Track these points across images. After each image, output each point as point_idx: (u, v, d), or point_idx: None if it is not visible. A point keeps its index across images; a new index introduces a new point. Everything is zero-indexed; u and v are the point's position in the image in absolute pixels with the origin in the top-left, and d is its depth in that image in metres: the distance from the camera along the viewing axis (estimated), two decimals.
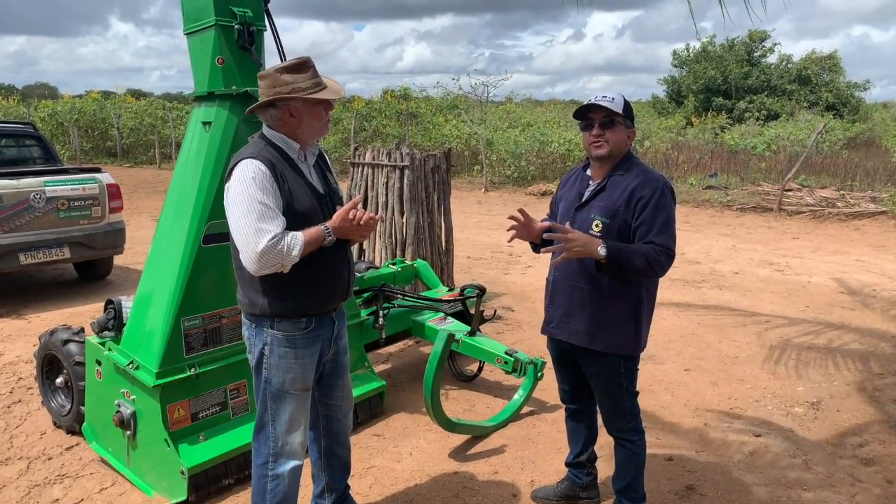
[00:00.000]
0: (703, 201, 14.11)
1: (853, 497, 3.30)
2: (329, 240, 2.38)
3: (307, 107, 2.41)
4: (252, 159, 2.33)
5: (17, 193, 6.09)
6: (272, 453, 2.56)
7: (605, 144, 2.63)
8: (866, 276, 8.15)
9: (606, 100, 2.62)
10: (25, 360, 4.96)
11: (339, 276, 2.54)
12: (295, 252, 2.28)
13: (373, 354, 4.60)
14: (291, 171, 2.42)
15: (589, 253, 2.49)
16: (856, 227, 11.66)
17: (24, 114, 24.95)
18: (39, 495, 3.26)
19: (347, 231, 2.42)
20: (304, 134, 2.47)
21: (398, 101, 25.16)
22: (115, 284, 7.32)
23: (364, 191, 6.18)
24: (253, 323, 2.51)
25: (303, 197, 2.42)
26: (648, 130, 22.37)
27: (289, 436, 2.56)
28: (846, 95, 30.29)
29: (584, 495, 3.18)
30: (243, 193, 2.28)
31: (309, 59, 2.43)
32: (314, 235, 2.35)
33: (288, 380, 2.50)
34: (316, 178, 2.54)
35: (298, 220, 2.37)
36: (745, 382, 4.75)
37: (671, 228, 2.57)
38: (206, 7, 3.11)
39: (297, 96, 2.36)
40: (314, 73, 2.41)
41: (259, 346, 2.49)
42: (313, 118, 2.44)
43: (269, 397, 2.52)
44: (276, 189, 2.32)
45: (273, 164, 2.35)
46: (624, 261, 2.48)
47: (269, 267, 2.27)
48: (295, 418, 2.56)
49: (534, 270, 8.08)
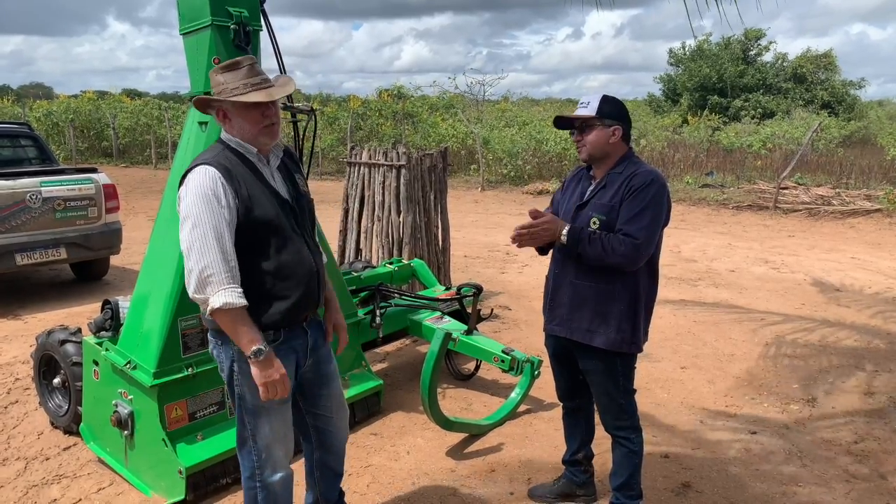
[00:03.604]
0: (700, 200, 14.15)
1: (848, 493, 3.32)
2: (254, 351, 2.20)
3: (237, 109, 2.29)
4: (206, 166, 2.22)
5: (14, 194, 6.08)
6: (257, 466, 2.47)
7: (584, 147, 2.74)
8: (861, 273, 8.19)
9: (583, 105, 2.73)
10: (22, 360, 4.95)
11: (307, 286, 2.40)
12: (217, 306, 2.14)
13: (370, 353, 4.62)
14: (251, 175, 2.30)
15: (554, 236, 2.66)
16: (851, 224, 11.70)
17: (20, 114, 24.86)
18: (37, 495, 3.26)
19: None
20: (241, 137, 2.32)
21: (394, 100, 25.16)
22: (111, 285, 7.32)
23: (361, 190, 6.18)
24: (218, 340, 2.37)
25: (265, 203, 2.29)
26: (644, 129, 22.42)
27: (271, 449, 2.45)
28: (842, 94, 30.38)
29: (581, 493, 3.19)
30: (201, 215, 2.17)
31: (245, 59, 2.31)
32: (244, 334, 2.20)
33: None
34: (280, 181, 2.41)
35: (260, 227, 2.28)
36: (741, 380, 4.77)
37: (646, 219, 2.58)
38: (201, 7, 3.11)
39: (224, 98, 2.26)
40: (249, 73, 2.27)
41: (227, 363, 2.37)
42: (245, 121, 2.29)
43: (246, 413, 2.41)
44: (230, 200, 2.20)
45: (228, 170, 2.23)
46: (581, 247, 2.61)
47: (200, 301, 2.20)
48: (275, 430, 2.44)
49: (530, 269, 8.10)
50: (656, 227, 2.63)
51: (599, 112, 2.67)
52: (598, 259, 2.60)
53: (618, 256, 2.56)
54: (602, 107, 2.68)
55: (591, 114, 2.68)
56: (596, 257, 2.59)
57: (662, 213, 2.65)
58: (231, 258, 2.19)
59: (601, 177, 2.75)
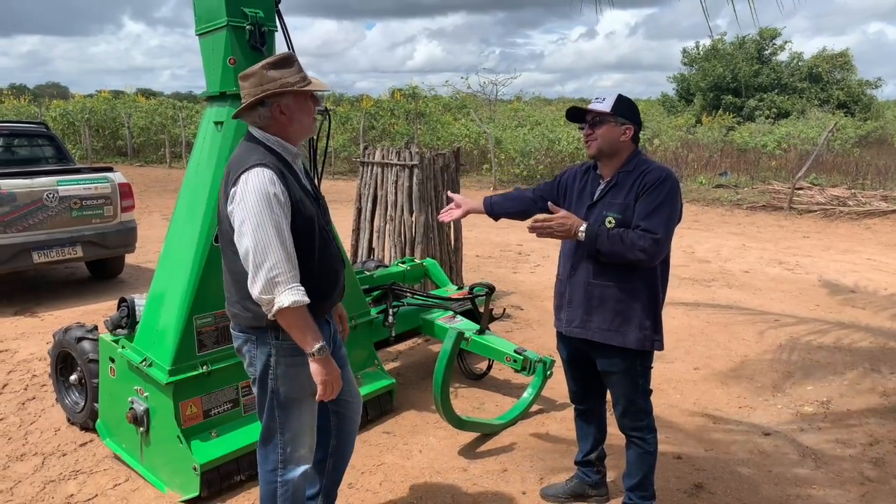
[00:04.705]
0: (713, 200, 14.06)
1: (863, 496, 3.30)
2: (318, 348, 2.26)
3: (298, 102, 2.33)
4: (263, 167, 2.22)
5: (31, 193, 6.15)
6: (281, 461, 2.49)
7: (595, 142, 2.72)
8: (877, 274, 8.11)
9: (598, 100, 2.72)
10: (40, 357, 5.01)
11: (338, 280, 2.53)
12: (286, 305, 2.17)
13: (382, 352, 4.63)
14: (291, 176, 2.34)
15: (569, 234, 2.63)
16: (867, 225, 11.60)
17: (36, 113, 25.09)
18: (54, 491, 3.30)
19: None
20: (296, 132, 2.38)
21: (407, 100, 25.19)
22: (126, 283, 7.38)
23: (373, 189, 6.21)
24: (253, 335, 2.39)
25: (307, 202, 2.35)
26: (658, 129, 22.30)
27: (297, 442, 2.49)
28: (858, 93, 30.08)
29: (594, 493, 3.19)
30: (262, 215, 2.17)
31: (293, 54, 2.36)
32: (309, 331, 2.24)
33: (296, 387, 2.42)
34: (306, 181, 2.47)
35: (308, 226, 2.33)
36: (755, 381, 4.74)
37: (663, 214, 2.58)
38: (217, 8, 3.14)
39: (288, 90, 2.28)
40: (300, 68, 2.34)
41: (263, 359, 2.39)
42: (304, 114, 2.36)
43: (278, 407, 2.43)
44: (286, 201, 2.24)
45: (281, 171, 2.27)
46: (601, 243, 2.58)
47: (265, 302, 2.21)
48: (304, 424, 2.50)
49: (543, 269, 8.09)
50: (673, 223, 2.63)
51: (614, 109, 2.68)
52: (618, 255, 2.58)
53: (638, 252, 2.55)
54: (617, 105, 2.68)
55: (606, 109, 2.68)
56: (617, 253, 2.58)
57: (677, 209, 2.66)
58: (293, 257, 2.22)
59: (611, 175, 2.74)
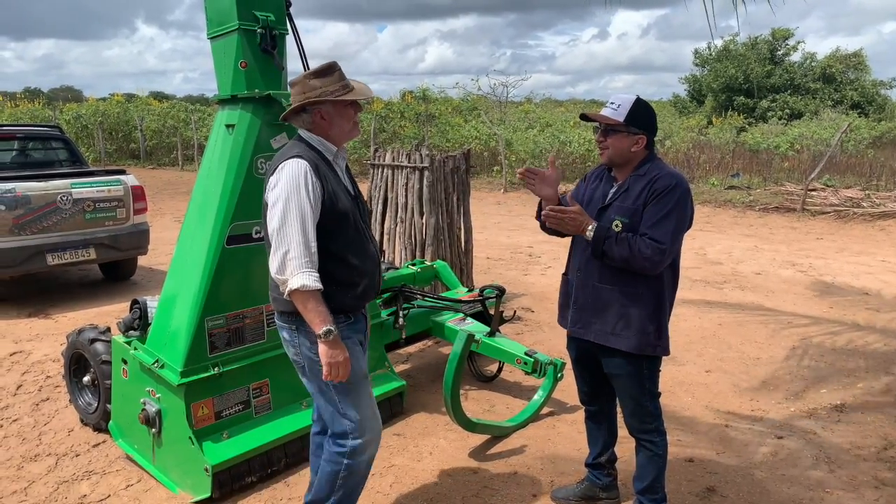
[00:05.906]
0: (726, 202, 13.98)
1: (877, 500, 3.27)
2: (324, 331, 2.37)
3: (336, 109, 2.52)
4: (300, 159, 2.42)
5: (45, 195, 6.21)
6: (350, 448, 2.56)
7: (606, 151, 2.72)
8: (892, 276, 8.04)
9: (612, 107, 2.67)
10: (53, 358, 5.06)
11: (373, 276, 2.63)
12: (294, 287, 2.32)
13: (393, 354, 4.64)
14: (330, 172, 2.52)
15: (578, 230, 2.65)
16: (881, 227, 11.49)
17: (50, 116, 25.35)
18: (67, 491, 3.33)
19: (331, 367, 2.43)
20: (336, 136, 2.57)
21: (417, 102, 25.21)
22: (139, 285, 7.43)
23: (384, 192, 6.22)
24: (293, 324, 2.52)
25: (342, 197, 2.51)
26: (670, 130, 22.20)
27: (366, 425, 2.57)
28: (872, 94, 29.81)
29: (604, 496, 3.18)
30: (289, 201, 2.35)
31: (335, 63, 2.54)
32: (316, 314, 2.36)
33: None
34: (347, 180, 2.65)
35: (339, 219, 2.48)
36: (767, 384, 4.71)
37: (671, 224, 2.56)
38: (229, 12, 3.17)
39: (327, 99, 2.47)
40: (341, 76, 2.53)
41: (308, 345, 2.51)
42: (343, 119, 2.55)
43: (338, 393, 2.54)
44: (316, 192, 2.40)
45: (317, 165, 2.45)
46: (608, 245, 2.59)
47: (280, 282, 2.37)
48: (367, 405, 2.60)
49: (553, 271, 8.07)
50: (680, 232, 2.61)
51: (627, 119, 2.64)
52: (623, 260, 2.58)
53: (643, 259, 2.55)
54: (631, 114, 2.63)
55: (618, 119, 2.64)
56: (622, 258, 2.58)
57: (686, 217, 2.64)
58: (312, 244, 2.38)
59: (623, 179, 2.73)
